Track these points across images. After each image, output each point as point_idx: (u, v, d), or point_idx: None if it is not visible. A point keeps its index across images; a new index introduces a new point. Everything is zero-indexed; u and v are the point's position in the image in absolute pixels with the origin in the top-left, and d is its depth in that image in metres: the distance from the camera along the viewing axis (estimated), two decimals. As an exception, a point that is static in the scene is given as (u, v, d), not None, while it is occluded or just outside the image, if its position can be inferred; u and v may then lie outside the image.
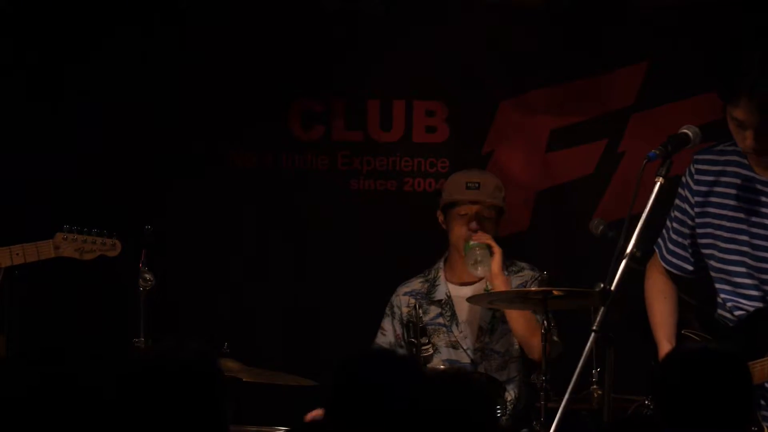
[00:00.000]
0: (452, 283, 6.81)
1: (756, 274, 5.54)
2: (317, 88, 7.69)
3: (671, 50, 7.37)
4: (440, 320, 6.82)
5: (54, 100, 7.70)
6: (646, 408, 5.70)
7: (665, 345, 5.59)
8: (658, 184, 5.22)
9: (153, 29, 7.68)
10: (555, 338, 6.47)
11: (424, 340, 6.50)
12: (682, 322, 5.71)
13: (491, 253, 6.70)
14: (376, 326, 6.94)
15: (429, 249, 7.21)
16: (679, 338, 5.72)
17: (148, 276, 6.37)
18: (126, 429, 3.57)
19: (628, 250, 5.12)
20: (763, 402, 5.58)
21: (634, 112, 7.50)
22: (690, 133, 5.28)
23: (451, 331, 6.77)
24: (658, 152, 5.24)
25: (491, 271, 6.63)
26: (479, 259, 6.61)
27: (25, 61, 7.59)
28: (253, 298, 7.58)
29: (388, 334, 6.80)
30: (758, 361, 5.20)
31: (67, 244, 6.65)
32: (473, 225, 6.77)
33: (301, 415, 6.19)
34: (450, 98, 7.67)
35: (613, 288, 5.00)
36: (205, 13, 7.59)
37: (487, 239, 6.77)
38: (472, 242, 6.65)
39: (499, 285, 6.64)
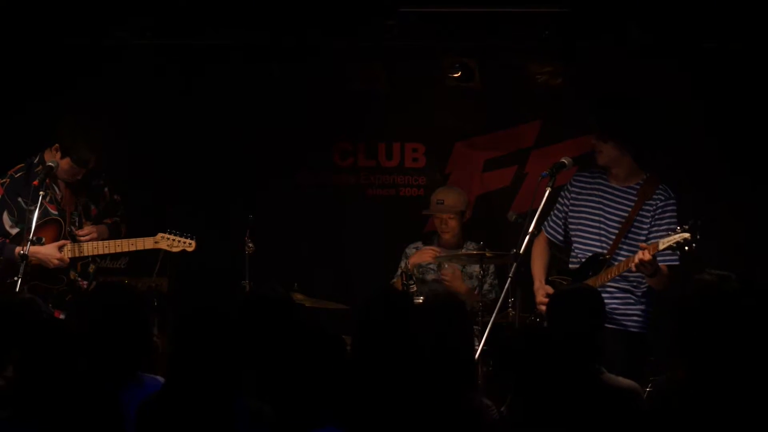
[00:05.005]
0: (441, 246, 8.22)
1: (606, 242, 6.54)
2: (349, 136, 8.98)
3: (553, 114, 8.55)
4: (432, 265, 8.23)
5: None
6: (535, 319, 6.78)
7: (537, 283, 6.73)
8: (548, 191, 6.37)
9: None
10: (493, 281, 7.71)
11: (411, 282, 7.52)
12: (549, 272, 6.85)
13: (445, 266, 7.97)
14: (389, 268, 8.21)
15: (410, 225, 8.61)
16: (548, 281, 6.73)
17: (251, 245, 7.49)
18: (243, 337, 4.26)
19: (530, 229, 6.30)
20: None
21: (533, 149, 8.79)
22: (566, 161, 6.57)
23: (436, 271, 8.15)
24: (548, 172, 6.49)
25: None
26: (445, 265, 8.03)
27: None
28: (312, 257, 8.76)
29: (401, 267, 7.99)
30: (588, 279, 6.33)
31: (163, 241, 7.02)
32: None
33: (342, 327, 5.59)
34: (426, 142, 8.95)
35: (521, 252, 6.22)
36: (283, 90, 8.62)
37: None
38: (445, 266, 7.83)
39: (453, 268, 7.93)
